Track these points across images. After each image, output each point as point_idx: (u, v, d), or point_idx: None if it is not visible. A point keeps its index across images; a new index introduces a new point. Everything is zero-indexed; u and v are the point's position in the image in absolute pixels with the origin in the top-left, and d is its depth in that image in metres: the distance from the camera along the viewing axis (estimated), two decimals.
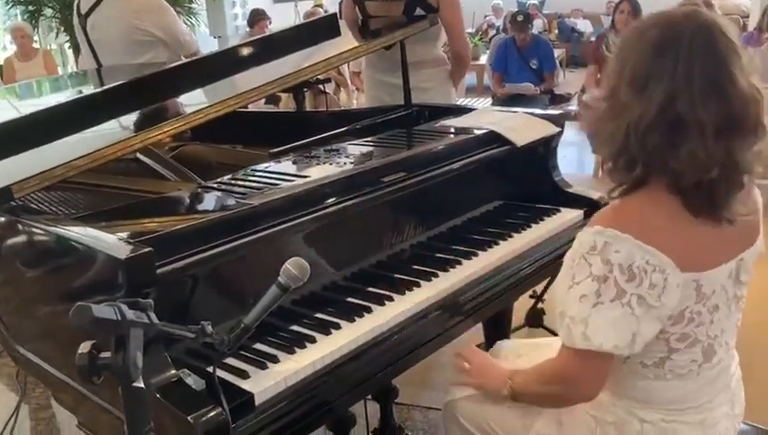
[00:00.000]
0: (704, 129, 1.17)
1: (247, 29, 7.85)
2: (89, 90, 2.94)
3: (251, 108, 2.91)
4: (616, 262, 1.21)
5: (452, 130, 2.24)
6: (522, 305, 2.97)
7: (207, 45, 8.55)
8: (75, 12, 3.56)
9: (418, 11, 2.85)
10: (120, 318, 0.91)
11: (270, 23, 7.60)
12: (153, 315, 0.99)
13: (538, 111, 2.45)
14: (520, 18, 6.31)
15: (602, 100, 1.28)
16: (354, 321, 1.56)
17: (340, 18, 3.06)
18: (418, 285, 1.72)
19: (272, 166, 1.95)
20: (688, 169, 1.19)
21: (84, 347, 0.92)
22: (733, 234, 1.26)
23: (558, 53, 7.35)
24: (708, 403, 1.37)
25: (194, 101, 2.13)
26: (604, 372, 1.31)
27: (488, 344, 2.31)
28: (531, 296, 3.02)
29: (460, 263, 1.83)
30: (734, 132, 1.19)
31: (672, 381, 1.33)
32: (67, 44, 7.61)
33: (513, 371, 1.49)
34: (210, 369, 1.25)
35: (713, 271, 1.26)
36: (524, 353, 1.74)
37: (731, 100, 1.18)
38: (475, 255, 1.88)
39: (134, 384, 0.92)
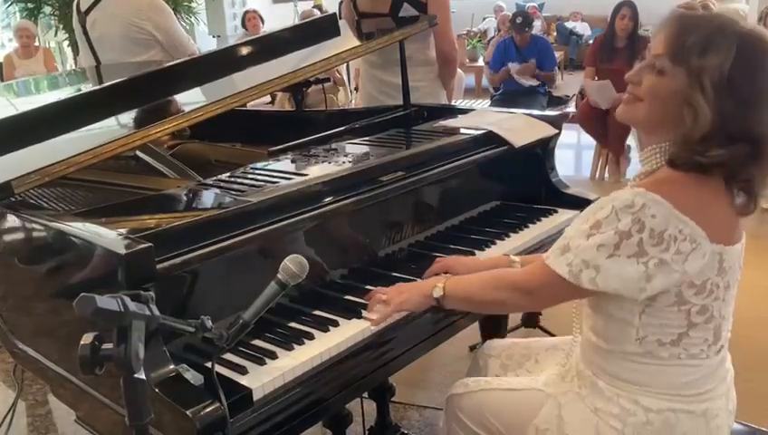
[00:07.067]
0: None
1: (242, 30, 8.27)
2: (88, 87, 2.95)
3: (250, 106, 2.93)
4: (648, 225, 1.26)
5: (450, 130, 2.25)
6: None
7: (206, 44, 8.61)
8: (75, 9, 3.56)
9: (406, 8, 2.87)
10: (122, 309, 0.92)
11: (263, 22, 7.82)
12: (155, 308, 1.00)
13: (536, 112, 2.46)
14: (519, 20, 6.33)
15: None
16: (352, 319, 1.57)
17: (340, 18, 3.07)
18: None
19: (270, 164, 1.96)
20: None
21: (87, 338, 0.93)
22: (737, 220, 1.36)
23: (556, 55, 7.36)
24: (711, 392, 1.40)
25: (193, 99, 2.14)
26: (568, 299, 1.45)
27: (483, 342, 2.33)
28: None
29: None
30: None
31: (684, 363, 1.37)
32: (66, 42, 7.61)
33: (446, 277, 1.58)
34: (209, 364, 1.26)
35: (733, 247, 1.34)
36: (517, 352, 1.75)
37: None
38: (473, 254, 1.89)
39: (135, 376, 0.93)
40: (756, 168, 1.30)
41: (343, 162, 1.93)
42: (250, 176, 1.84)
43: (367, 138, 2.26)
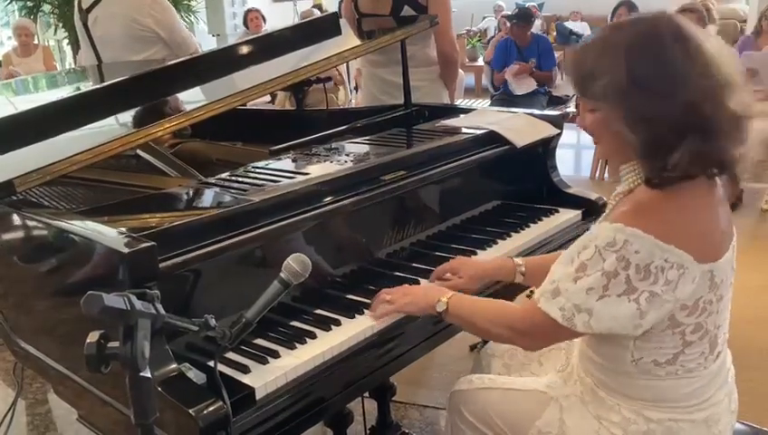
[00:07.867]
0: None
1: (243, 28, 8.30)
2: (88, 86, 2.95)
3: (250, 105, 2.93)
4: (633, 261, 1.24)
5: (452, 129, 2.25)
6: None
7: (206, 43, 8.62)
8: (76, 7, 3.56)
9: (407, 9, 2.88)
10: (129, 308, 0.93)
11: (265, 21, 7.83)
12: (160, 306, 1.00)
13: (537, 111, 2.46)
14: (515, 12, 6.36)
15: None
16: (354, 317, 1.57)
17: (341, 17, 3.07)
18: (418, 283, 1.73)
19: (272, 163, 1.96)
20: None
21: (93, 336, 0.93)
22: (726, 220, 1.34)
23: (556, 55, 7.35)
24: (712, 398, 1.40)
25: (195, 98, 2.14)
26: (564, 340, 1.48)
27: (484, 342, 2.33)
28: (528, 296, 3.03)
29: None
30: None
31: (682, 378, 1.36)
32: (65, 40, 7.61)
33: (453, 292, 1.55)
34: (211, 363, 1.26)
35: (722, 260, 1.31)
36: (519, 353, 1.75)
37: None
38: (474, 253, 1.89)
39: (141, 374, 0.93)
40: (718, 144, 1.25)
41: (345, 161, 1.93)
42: (251, 175, 1.84)
43: (368, 137, 2.26)
